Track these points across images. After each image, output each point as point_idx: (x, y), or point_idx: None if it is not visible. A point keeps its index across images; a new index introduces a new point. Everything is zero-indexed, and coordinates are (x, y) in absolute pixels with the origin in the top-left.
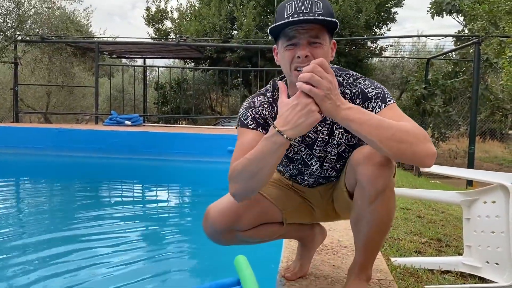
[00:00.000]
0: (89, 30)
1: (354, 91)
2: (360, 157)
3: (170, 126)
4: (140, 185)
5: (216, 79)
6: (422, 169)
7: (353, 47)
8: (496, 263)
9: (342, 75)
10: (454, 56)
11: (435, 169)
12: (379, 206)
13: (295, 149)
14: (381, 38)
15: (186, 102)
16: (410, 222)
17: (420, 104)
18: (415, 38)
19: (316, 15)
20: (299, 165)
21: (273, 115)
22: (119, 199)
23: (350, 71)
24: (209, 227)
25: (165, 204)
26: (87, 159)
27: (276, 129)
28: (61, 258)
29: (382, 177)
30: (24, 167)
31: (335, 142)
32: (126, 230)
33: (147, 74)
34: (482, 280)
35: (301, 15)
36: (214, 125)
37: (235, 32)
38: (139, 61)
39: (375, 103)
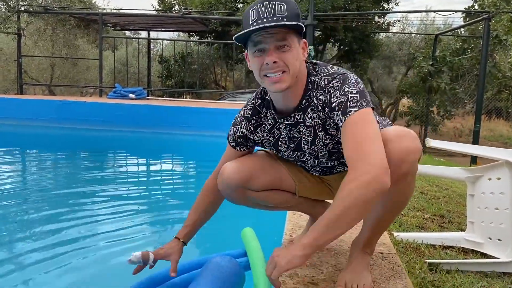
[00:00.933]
0: (93, 1)
1: (324, 98)
2: (388, 136)
3: (175, 100)
4: (144, 158)
5: (221, 53)
6: (427, 144)
7: (360, 22)
8: (499, 239)
9: (319, 74)
10: (462, 32)
11: (440, 144)
12: (398, 190)
13: (285, 154)
14: (389, 12)
15: (191, 76)
16: (413, 198)
17: (427, 81)
18: (423, 13)
19: (280, 19)
20: (297, 162)
21: (251, 128)
22: (123, 171)
23: (328, 67)
24: (222, 182)
25: (169, 176)
26: (91, 131)
27: None
28: (65, 230)
29: (408, 162)
30: (27, 139)
31: (321, 143)
32: (130, 202)
33: (151, 47)
34: (484, 255)
35: (264, 20)
36: (218, 99)
37: (241, 5)
38: (143, 34)
39: (337, 116)
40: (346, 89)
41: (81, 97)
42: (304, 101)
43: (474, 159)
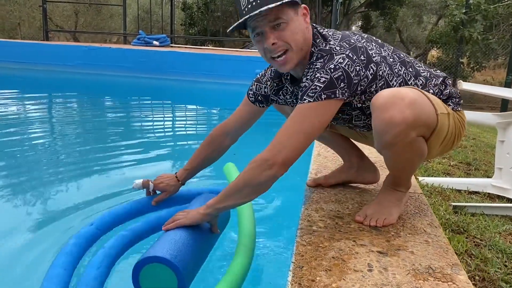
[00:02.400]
0: None
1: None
2: (376, 103)
3: (198, 48)
4: (168, 105)
5: None
6: (459, 86)
7: None
8: None
9: (318, 46)
10: None
11: (472, 87)
12: (394, 154)
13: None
14: None
15: (214, 24)
16: None
17: (458, 30)
18: None
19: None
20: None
21: (274, 91)
22: (148, 118)
23: (329, 38)
24: None
25: (192, 122)
26: (116, 77)
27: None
28: (93, 175)
29: (389, 134)
30: (54, 84)
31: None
32: (153, 147)
33: None
34: (511, 201)
35: (253, 3)
36: (241, 48)
37: None
38: None
39: (299, 95)
40: (317, 75)
41: (107, 44)
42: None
43: (504, 108)
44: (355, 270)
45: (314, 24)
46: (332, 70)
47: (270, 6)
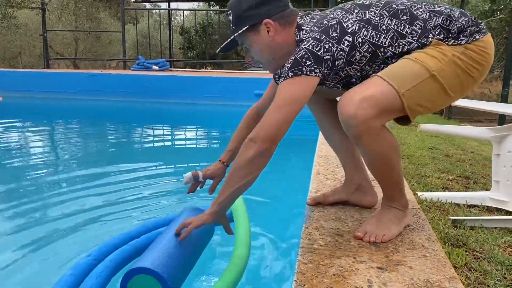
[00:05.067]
0: None
1: None
2: (339, 103)
3: (197, 71)
4: (169, 128)
5: None
6: (454, 104)
7: None
8: None
9: (297, 38)
10: None
11: (468, 103)
12: (365, 147)
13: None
14: None
15: (212, 47)
16: (438, 160)
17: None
18: None
19: (232, 30)
20: None
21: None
22: (150, 140)
23: (303, 27)
24: None
25: (193, 145)
26: (117, 103)
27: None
28: (92, 197)
29: (352, 127)
30: (56, 111)
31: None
32: (156, 170)
33: (172, 19)
34: (509, 213)
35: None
36: (240, 69)
37: None
38: (164, 6)
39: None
40: (299, 53)
41: (106, 70)
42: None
43: (502, 121)
44: (355, 287)
45: (300, 15)
46: (297, 52)
47: (229, 40)
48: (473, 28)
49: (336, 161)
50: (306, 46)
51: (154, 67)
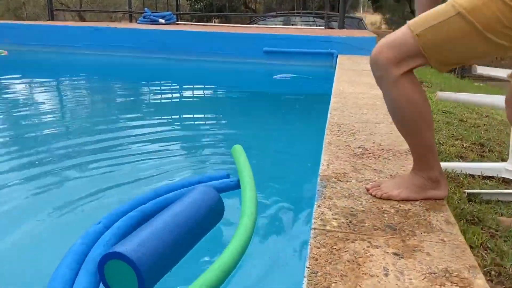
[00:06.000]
0: None
1: None
2: None
3: (204, 25)
4: (175, 85)
5: None
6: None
7: None
8: None
9: None
10: None
11: (480, 70)
12: (384, 93)
13: None
14: None
15: None
16: (452, 126)
17: None
18: None
19: None
20: None
21: None
22: (156, 97)
23: None
24: None
25: (198, 102)
26: (122, 58)
27: None
28: (102, 154)
29: (373, 70)
30: (60, 66)
31: None
32: (160, 129)
33: None
34: None
35: None
36: (248, 23)
37: None
38: None
39: None
40: None
41: (112, 23)
42: None
43: None
44: (370, 275)
45: None
46: None
47: None
48: None
49: (348, 130)
50: None
51: (161, 20)
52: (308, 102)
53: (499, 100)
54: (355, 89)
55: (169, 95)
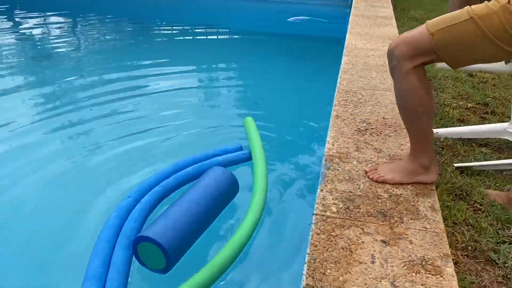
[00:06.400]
0: None
1: None
2: None
3: None
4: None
5: None
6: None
7: None
8: None
9: None
10: None
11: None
12: (394, 85)
13: None
14: None
15: None
16: (460, 83)
17: None
18: None
19: None
20: None
21: None
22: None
23: None
24: None
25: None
26: None
27: None
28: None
29: (389, 61)
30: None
31: None
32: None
33: None
34: None
35: None
36: None
37: None
38: None
39: None
40: None
41: None
42: None
43: None
44: (359, 262)
45: None
46: None
47: None
48: None
49: (356, 99)
50: None
51: None
52: (322, 49)
53: (500, 64)
54: (366, 44)
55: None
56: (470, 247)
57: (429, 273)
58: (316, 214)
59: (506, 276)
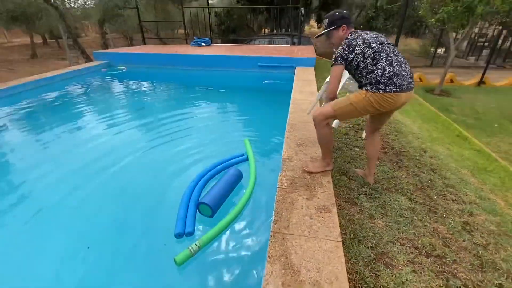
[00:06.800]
0: None
1: None
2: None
3: (225, 45)
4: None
5: (250, 9)
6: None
7: None
8: None
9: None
10: None
11: None
12: (316, 131)
13: None
14: None
15: (233, 23)
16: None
17: (370, 22)
18: None
19: (324, 28)
20: None
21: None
22: (197, 94)
23: (349, 36)
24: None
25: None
26: (182, 70)
27: None
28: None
29: (313, 121)
30: (151, 76)
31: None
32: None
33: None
34: None
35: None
36: (250, 41)
37: None
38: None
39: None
40: (337, 52)
41: (179, 48)
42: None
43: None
44: (296, 208)
45: (354, 30)
46: (339, 50)
47: (318, 35)
48: (375, 86)
49: (297, 127)
50: (339, 51)
51: (203, 44)
52: (280, 98)
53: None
54: (302, 97)
55: (206, 94)
56: (346, 197)
57: (325, 212)
58: (278, 187)
59: (361, 210)
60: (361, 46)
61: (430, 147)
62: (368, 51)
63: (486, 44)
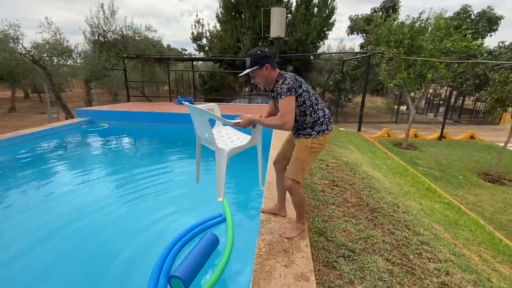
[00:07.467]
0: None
1: (278, 87)
2: (285, 180)
3: (207, 103)
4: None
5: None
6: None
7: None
8: None
9: (281, 79)
10: (359, 58)
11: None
12: (291, 195)
13: None
14: (318, 54)
15: (215, 83)
16: (322, 170)
17: (338, 84)
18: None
19: (247, 66)
20: None
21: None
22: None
23: (285, 74)
24: None
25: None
26: (166, 127)
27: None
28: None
29: (285, 186)
30: (135, 133)
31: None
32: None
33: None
34: None
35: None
36: (230, 101)
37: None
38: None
39: (279, 96)
40: (284, 86)
41: (162, 107)
42: (275, 86)
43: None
44: (274, 278)
45: (282, 72)
46: (287, 83)
47: (243, 73)
48: (325, 126)
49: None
50: (290, 82)
51: (186, 103)
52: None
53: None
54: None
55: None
56: (324, 261)
57: (304, 281)
58: (256, 253)
59: (340, 275)
60: (305, 84)
61: (402, 202)
62: (311, 91)
63: (441, 102)
